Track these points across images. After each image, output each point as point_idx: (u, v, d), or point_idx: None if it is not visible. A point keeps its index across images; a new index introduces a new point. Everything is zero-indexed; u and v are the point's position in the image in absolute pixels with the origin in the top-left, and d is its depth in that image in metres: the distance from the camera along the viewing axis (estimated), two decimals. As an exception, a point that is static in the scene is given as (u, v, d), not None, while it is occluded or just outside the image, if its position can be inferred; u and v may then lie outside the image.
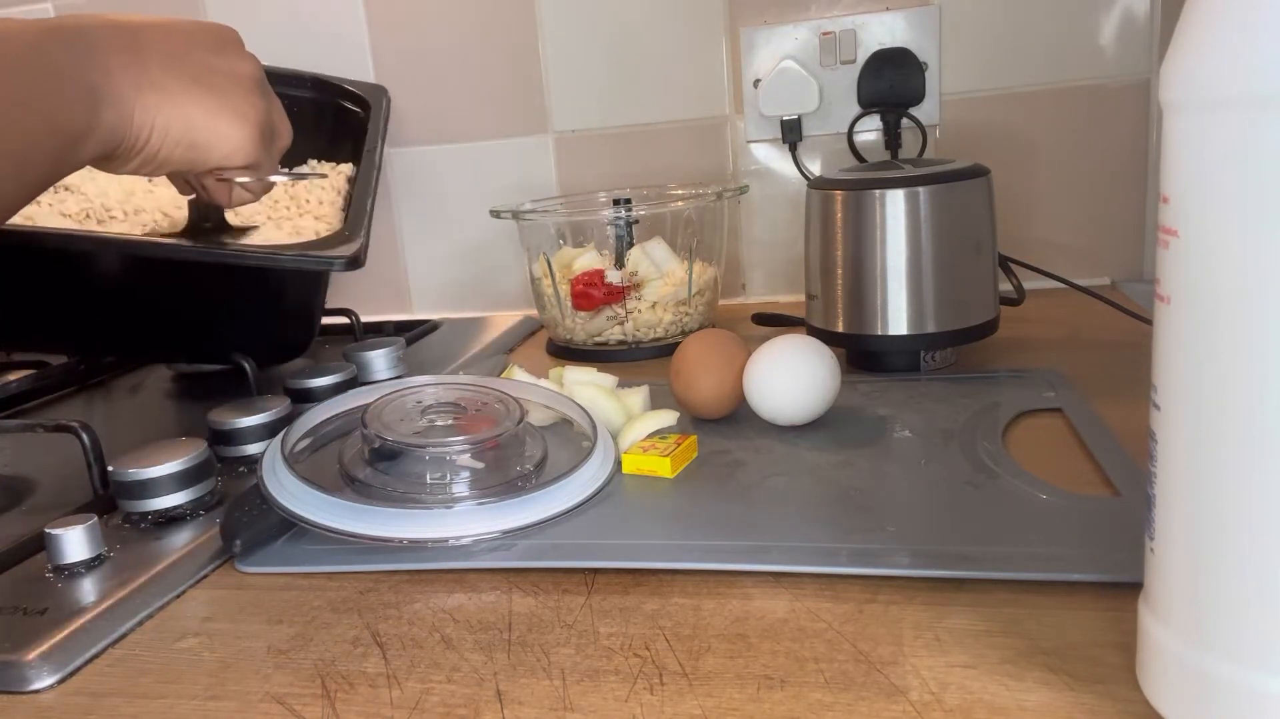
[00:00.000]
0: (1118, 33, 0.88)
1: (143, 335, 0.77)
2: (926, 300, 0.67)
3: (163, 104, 0.49)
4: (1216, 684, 0.28)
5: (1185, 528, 0.28)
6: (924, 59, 0.91)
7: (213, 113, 0.51)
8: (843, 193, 0.68)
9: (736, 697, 0.35)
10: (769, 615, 0.40)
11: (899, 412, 0.62)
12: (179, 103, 0.50)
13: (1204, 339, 0.27)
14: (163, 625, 0.44)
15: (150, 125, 0.49)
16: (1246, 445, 0.26)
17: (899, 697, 0.34)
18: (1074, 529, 0.44)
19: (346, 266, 0.65)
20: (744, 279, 1.02)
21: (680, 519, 0.49)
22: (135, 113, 0.48)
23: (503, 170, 1.04)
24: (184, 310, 0.73)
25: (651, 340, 0.84)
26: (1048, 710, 0.33)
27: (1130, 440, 0.53)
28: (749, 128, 0.97)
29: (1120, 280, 0.93)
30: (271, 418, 0.62)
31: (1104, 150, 0.91)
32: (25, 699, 0.39)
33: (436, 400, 0.59)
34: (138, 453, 0.54)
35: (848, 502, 0.49)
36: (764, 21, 0.94)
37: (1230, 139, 0.25)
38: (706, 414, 0.62)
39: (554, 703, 0.36)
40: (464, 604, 0.43)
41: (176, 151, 0.51)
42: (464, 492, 0.52)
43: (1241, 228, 0.25)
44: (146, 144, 0.49)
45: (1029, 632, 0.37)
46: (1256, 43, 0.24)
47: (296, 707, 0.37)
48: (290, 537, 0.51)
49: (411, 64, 1.02)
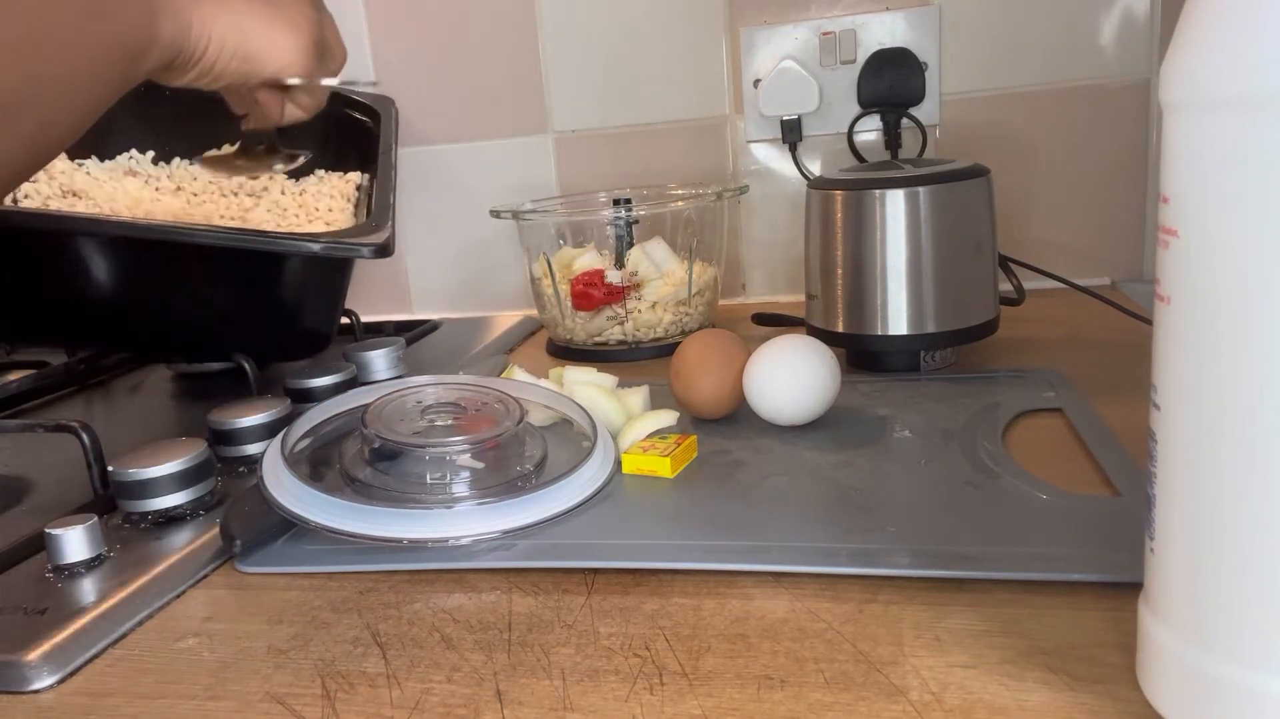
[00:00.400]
0: (1118, 33, 0.88)
1: (159, 329, 0.77)
2: (926, 300, 0.67)
3: (219, 14, 0.50)
4: (1216, 684, 0.28)
5: (1185, 528, 0.28)
6: (924, 59, 0.91)
7: (267, 23, 0.53)
8: (843, 193, 0.68)
9: (736, 697, 0.35)
10: (769, 615, 0.40)
11: (899, 412, 0.62)
12: (234, 11, 0.51)
13: (1204, 339, 0.27)
14: (163, 625, 0.44)
15: (207, 36, 0.50)
16: (1246, 445, 0.26)
17: (899, 697, 0.34)
18: (1074, 529, 0.44)
19: (375, 254, 0.66)
20: (744, 279, 1.02)
21: (680, 519, 0.49)
22: (193, 23, 0.49)
23: (503, 170, 1.04)
24: (210, 302, 0.74)
25: (651, 340, 0.84)
26: (1048, 710, 0.33)
27: (1130, 440, 0.53)
28: (749, 128, 0.97)
29: (1120, 280, 0.93)
30: (271, 418, 0.62)
31: (1104, 150, 0.91)
32: (25, 699, 0.39)
33: (436, 400, 0.59)
34: (138, 453, 0.54)
35: (848, 502, 0.49)
36: (764, 21, 0.94)
37: (1230, 139, 0.25)
38: (706, 414, 0.62)
39: (554, 703, 0.36)
40: (464, 604, 0.43)
41: (232, 64, 0.52)
42: (464, 492, 0.52)
43: (1241, 228, 0.25)
44: (204, 55, 0.51)
45: (1029, 632, 0.37)
46: (1256, 43, 0.24)
47: (296, 707, 0.37)
48: (290, 537, 0.51)
49: (412, 64, 1.02)
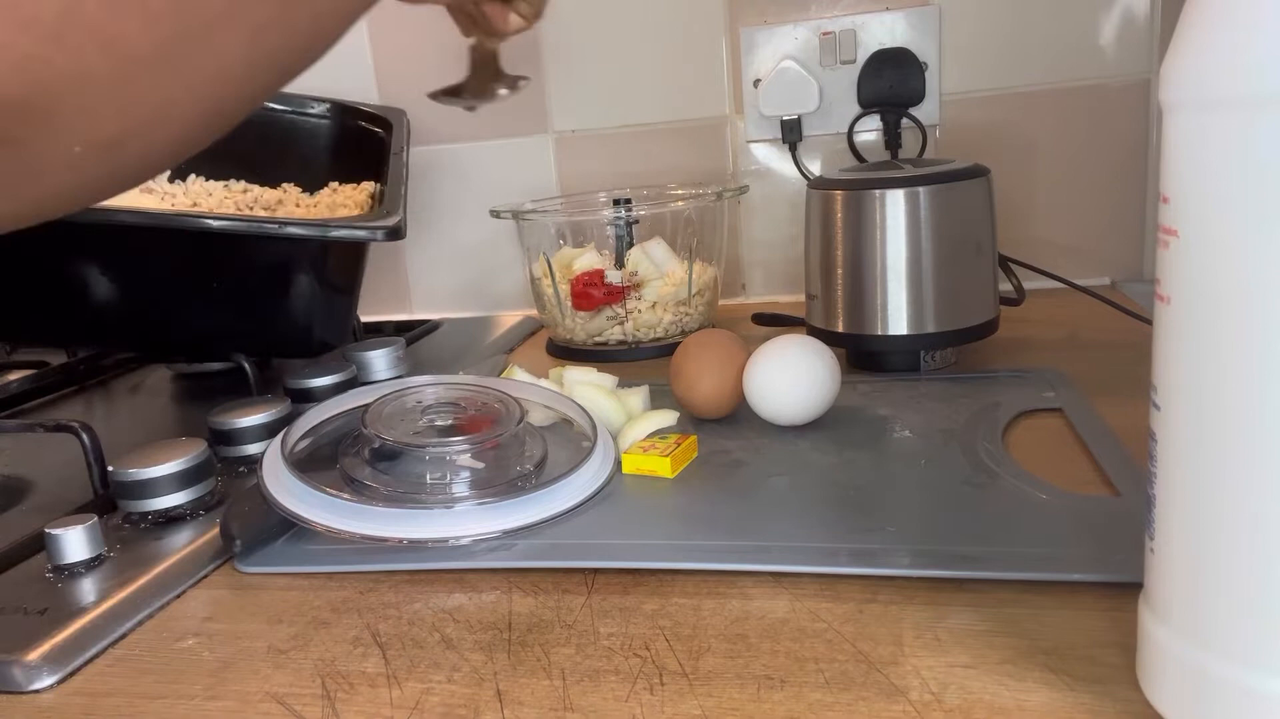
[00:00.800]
0: (1118, 33, 0.88)
1: (164, 328, 0.77)
2: (926, 300, 0.67)
3: None
4: (1216, 684, 0.28)
5: (1185, 528, 0.28)
6: (924, 59, 0.91)
7: None
8: (843, 193, 0.68)
9: (736, 697, 0.35)
10: (769, 615, 0.40)
11: (899, 412, 0.62)
12: None
13: (1204, 339, 0.27)
14: (163, 625, 0.44)
15: None
16: (1246, 445, 0.26)
17: (899, 697, 0.34)
18: (1074, 529, 0.44)
19: (388, 236, 0.69)
20: (744, 279, 1.02)
21: (680, 519, 0.49)
22: None
23: (503, 170, 1.04)
24: (230, 296, 0.74)
25: (651, 340, 0.84)
26: (1048, 710, 0.33)
27: (1130, 440, 0.53)
28: (749, 128, 0.97)
29: (1120, 280, 0.93)
30: (271, 418, 0.62)
31: (1104, 150, 0.91)
32: (25, 699, 0.39)
33: (436, 400, 0.59)
34: (138, 453, 0.54)
35: (848, 502, 0.49)
36: (764, 21, 0.94)
37: (1230, 139, 0.25)
38: (706, 414, 0.62)
39: (554, 703, 0.36)
40: (464, 604, 0.43)
41: None
42: (464, 492, 0.52)
43: (1242, 228, 0.25)
44: None
45: (1029, 632, 0.37)
46: (1256, 43, 0.24)
47: (296, 707, 0.37)
48: (290, 537, 0.51)
49: (411, 63, 1.02)
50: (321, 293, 0.77)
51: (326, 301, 0.78)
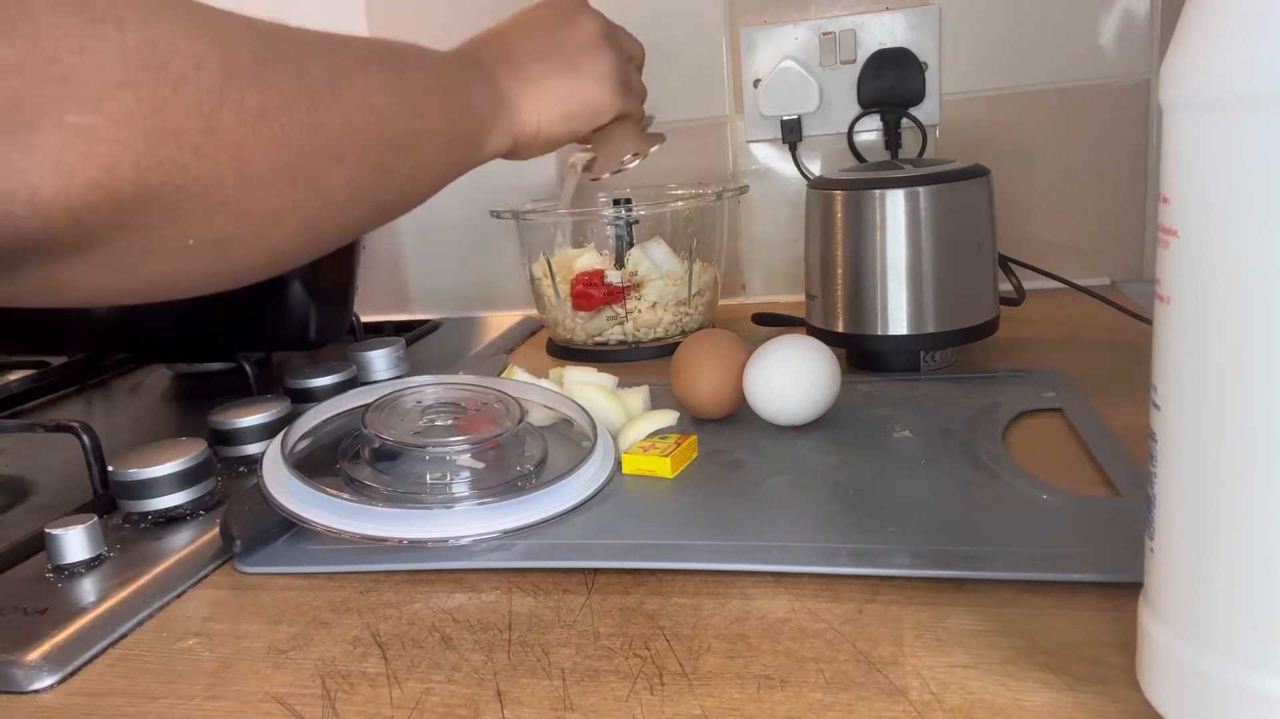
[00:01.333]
0: (1118, 33, 0.88)
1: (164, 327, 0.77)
2: (926, 300, 0.67)
3: (539, 94, 0.57)
4: (1216, 684, 0.28)
5: (1185, 528, 0.28)
6: (924, 59, 0.91)
7: (577, 86, 0.59)
8: (843, 193, 0.68)
9: (736, 697, 0.35)
10: (769, 615, 0.40)
11: (899, 411, 0.62)
12: (551, 87, 0.58)
13: (1204, 339, 0.27)
14: (163, 625, 0.44)
15: (536, 116, 0.57)
16: (1246, 445, 0.26)
17: (899, 697, 0.34)
18: (1074, 529, 0.44)
19: None
20: (744, 279, 1.02)
21: (680, 519, 0.49)
22: (523, 108, 0.56)
23: (503, 170, 1.03)
24: None
25: (651, 340, 0.84)
26: (1048, 710, 0.33)
27: (1130, 440, 0.53)
28: (749, 128, 0.97)
29: (1120, 280, 0.93)
30: (271, 418, 0.62)
31: (1104, 150, 0.91)
32: (25, 699, 0.39)
33: (436, 400, 0.59)
34: (138, 453, 0.54)
35: (848, 502, 0.49)
36: (764, 21, 0.94)
37: (1230, 139, 0.25)
38: (706, 414, 0.62)
39: (554, 703, 0.36)
40: (464, 604, 0.43)
41: (559, 128, 0.59)
42: (464, 492, 0.52)
43: (1242, 228, 0.25)
44: (537, 132, 0.58)
45: (1029, 632, 0.37)
46: (1256, 43, 0.24)
47: (296, 707, 0.37)
48: (290, 537, 0.51)
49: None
50: (316, 284, 0.77)
51: (321, 295, 0.78)
